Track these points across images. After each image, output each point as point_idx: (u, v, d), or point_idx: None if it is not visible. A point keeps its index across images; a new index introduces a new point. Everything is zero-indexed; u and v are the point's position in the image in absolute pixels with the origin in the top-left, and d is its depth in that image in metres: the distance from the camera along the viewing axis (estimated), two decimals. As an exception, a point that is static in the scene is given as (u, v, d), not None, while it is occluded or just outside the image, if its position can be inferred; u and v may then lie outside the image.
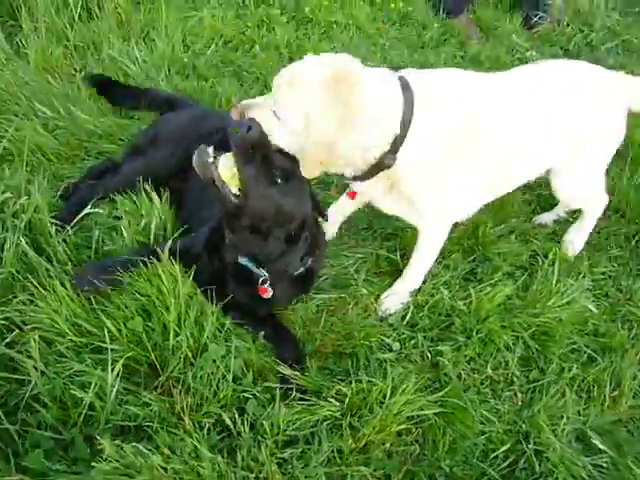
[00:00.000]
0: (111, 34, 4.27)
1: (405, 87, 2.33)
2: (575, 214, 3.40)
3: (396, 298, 2.82)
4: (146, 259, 2.50)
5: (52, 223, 2.73)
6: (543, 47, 5.25)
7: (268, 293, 2.56)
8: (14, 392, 2.25)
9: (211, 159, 2.27)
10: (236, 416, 2.25)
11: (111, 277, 2.50)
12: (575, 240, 3.25)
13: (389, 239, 3.12)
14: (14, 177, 2.93)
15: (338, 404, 2.36)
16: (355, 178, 2.48)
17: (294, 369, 2.46)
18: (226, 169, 2.27)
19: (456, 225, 3.08)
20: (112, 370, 2.23)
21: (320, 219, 2.65)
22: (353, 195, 2.85)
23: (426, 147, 2.38)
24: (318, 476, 2.18)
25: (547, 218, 3.45)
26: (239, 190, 2.28)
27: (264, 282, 2.54)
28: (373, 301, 2.85)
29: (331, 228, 3.05)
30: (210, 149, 2.28)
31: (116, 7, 4.50)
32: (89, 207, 2.84)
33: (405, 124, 2.31)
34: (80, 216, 2.81)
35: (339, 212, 3.04)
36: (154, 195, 2.87)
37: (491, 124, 2.49)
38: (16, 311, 2.43)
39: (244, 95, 3.89)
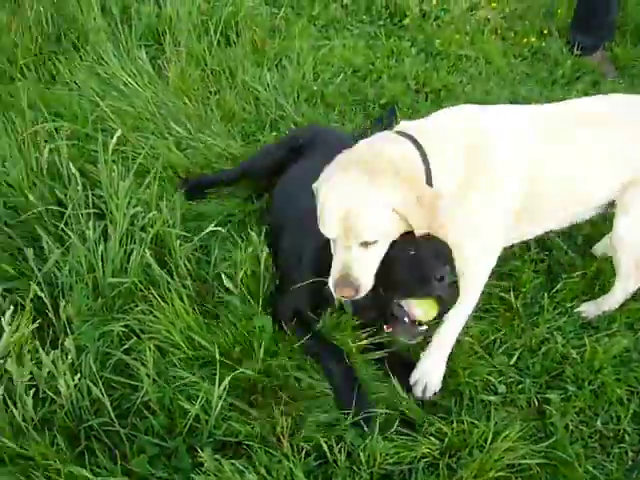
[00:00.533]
0: (246, 60, 4.47)
1: (415, 143, 2.35)
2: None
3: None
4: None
5: (177, 236, 2.87)
6: (684, 85, 4.96)
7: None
8: (127, 397, 2.37)
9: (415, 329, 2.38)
10: (334, 443, 2.25)
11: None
12: (591, 310, 2.94)
13: (504, 279, 3.04)
14: (146, 192, 3.10)
15: (437, 442, 2.32)
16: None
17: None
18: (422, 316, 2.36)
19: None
20: (219, 385, 2.28)
21: None
22: None
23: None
24: (412, 515, 2.15)
25: None
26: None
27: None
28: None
29: None
30: (406, 318, 2.36)
31: (253, 34, 4.72)
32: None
33: (428, 176, 2.33)
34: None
35: None
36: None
37: (496, 155, 2.41)
38: (135, 320, 2.58)
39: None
